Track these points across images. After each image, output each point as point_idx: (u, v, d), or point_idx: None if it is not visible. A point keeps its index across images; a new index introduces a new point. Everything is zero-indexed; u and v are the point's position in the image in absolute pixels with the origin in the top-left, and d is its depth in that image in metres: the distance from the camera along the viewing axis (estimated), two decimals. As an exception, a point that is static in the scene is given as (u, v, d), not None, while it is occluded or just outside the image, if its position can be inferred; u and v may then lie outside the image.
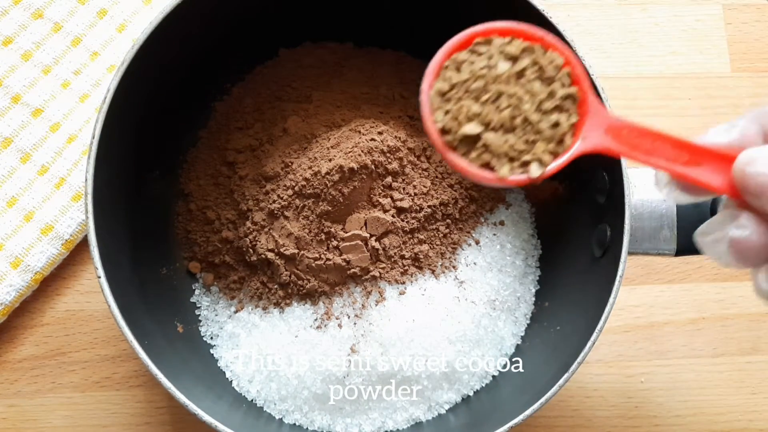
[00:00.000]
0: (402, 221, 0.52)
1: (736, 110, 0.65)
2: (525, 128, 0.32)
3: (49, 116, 0.58)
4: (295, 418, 0.51)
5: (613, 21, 0.67)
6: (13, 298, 0.55)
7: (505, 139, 0.32)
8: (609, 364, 0.59)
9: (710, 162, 0.32)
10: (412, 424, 0.52)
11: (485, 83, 0.32)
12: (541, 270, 0.56)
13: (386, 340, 0.50)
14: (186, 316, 0.55)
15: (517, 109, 0.32)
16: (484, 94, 0.32)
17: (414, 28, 0.57)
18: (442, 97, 0.33)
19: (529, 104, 0.32)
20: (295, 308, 0.52)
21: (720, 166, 0.31)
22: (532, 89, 0.32)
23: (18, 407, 0.56)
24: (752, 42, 0.67)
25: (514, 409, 0.45)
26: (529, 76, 0.32)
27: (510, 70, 0.32)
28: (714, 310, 0.61)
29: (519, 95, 0.32)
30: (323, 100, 0.56)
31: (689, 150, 0.32)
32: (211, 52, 0.55)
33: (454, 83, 0.33)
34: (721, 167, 0.31)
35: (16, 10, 0.59)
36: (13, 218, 0.56)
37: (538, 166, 0.32)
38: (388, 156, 0.51)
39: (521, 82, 0.32)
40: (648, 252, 0.48)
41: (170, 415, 0.56)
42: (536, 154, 0.32)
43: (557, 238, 0.56)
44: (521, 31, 0.33)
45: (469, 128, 0.32)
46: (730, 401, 0.59)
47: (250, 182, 0.54)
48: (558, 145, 0.32)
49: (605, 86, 0.47)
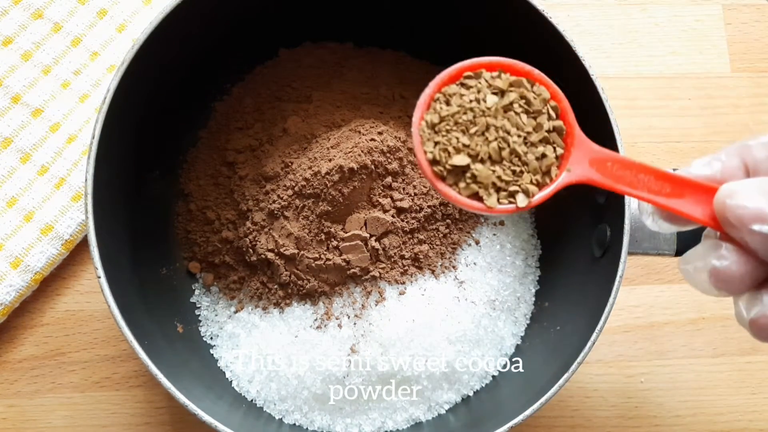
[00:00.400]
0: (402, 221, 0.52)
1: (735, 110, 0.65)
2: (512, 160, 0.33)
3: (49, 116, 0.58)
4: (295, 418, 0.51)
5: (613, 21, 0.67)
6: (13, 298, 0.55)
7: (492, 170, 0.33)
8: (609, 364, 0.59)
9: (692, 194, 0.32)
10: (412, 424, 0.52)
11: (474, 116, 0.33)
12: (541, 270, 0.56)
13: (386, 340, 0.50)
14: (186, 316, 0.55)
15: (504, 141, 0.33)
16: (473, 126, 0.33)
17: (414, 28, 0.57)
18: (432, 129, 0.34)
19: (516, 137, 0.33)
20: (295, 308, 0.52)
21: (702, 198, 0.32)
22: (519, 122, 0.33)
23: (18, 407, 0.56)
24: (752, 42, 0.67)
25: (514, 409, 0.45)
26: (517, 109, 0.33)
27: (498, 103, 0.33)
28: (714, 310, 0.61)
29: (506, 128, 0.33)
30: (323, 100, 0.56)
31: (672, 182, 0.33)
32: (211, 52, 0.55)
33: (444, 116, 0.34)
34: (703, 199, 0.32)
35: (16, 10, 0.59)
36: (13, 218, 0.56)
37: (524, 197, 0.33)
38: (388, 156, 0.51)
39: (509, 115, 0.33)
40: (648, 252, 0.48)
41: (170, 415, 0.56)
42: (523, 185, 0.33)
43: (557, 238, 0.56)
44: (509, 65, 0.35)
45: (457, 160, 0.33)
46: (730, 401, 0.59)
47: (250, 182, 0.54)
48: (544, 176, 0.34)
49: (605, 86, 0.47)
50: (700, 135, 0.65)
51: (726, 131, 0.65)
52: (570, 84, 0.49)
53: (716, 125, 0.65)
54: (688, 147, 0.64)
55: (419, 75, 0.58)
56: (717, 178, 0.32)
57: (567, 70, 0.48)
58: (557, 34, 0.47)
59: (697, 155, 0.64)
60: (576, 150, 0.34)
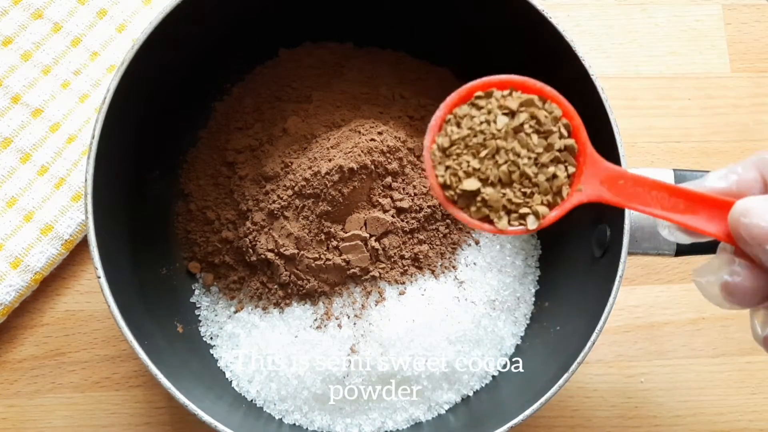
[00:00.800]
0: (402, 221, 0.52)
1: (735, 110, 0.65)
2: (522, 182, 0.33)
3: (49, 116, 0.58)
4: (295, 418, 0.51)
5: (613, 21, 0.67)
6: (13, 298, 0.55)
7: (502, 194, 0.33)
8: (609, 364, 0.59)
9: (707, 209, 0.32)
10: (412, 424, 0.52)
11: (484, 138, 0.33)
12: (541, 270, 0.56)
13: (386, 340, 0.50)
14: (186, 316, 0.55)
15: (514, 164, 0.33)
16: (483, 149, 0.33)
17: (414, 28, 0.57)
18: (443, 153, 0.34)
19: (526, 159, 0.33)
20: (294, 308, 0.52)
21: (717, 213, 0.32)
22: (529, 144, 0.33)
23: (18, 407, 0.56)
24: (752, 42, 0.67)
25: (514, 409, 0.45)
26: (527, 129, 0.33)
27: (508, 125, 0.33)
28: (714, 310, 0.61)
29: (517, 150, 0.33)
30: (323, 100, 0.56)
31: (686, 198, 0.33)
32: (211, 52, 0.54)
33: (454, 139, 0.34)
34: (718, 214, 0.32)
35: (16, 10, 0.59)
36: (12, 218, 0.56)
37: (534, 219, 0.33)
38: (388, 156, 0.51)
39: (519, 136, 0.33)
40: (648, 252, 0.48)
41: (170, 415, 0.56)
42: (533, 206, 0.33)
43: (557, 238, 0.56)
44: (520, 83, 0.34)
45: (468, 184, 0.33)
46: (730, 401, 0.59)
47: (250, 182, 0.54)
48: (556, 195, 0.34)
49: (605, 86, 0.47)
50: (699, 135, 0.65)
51: (726, 131, 0.65)
52: (570, 84, 0.49)
53: (716, 125, 0.65)
54: (688, 147, 0.64)
55: (419, 75, 0.58)
56: (733, 191, 0.32)
57: (567, 70, 0.48)
58: (557, 34, 0.47)
59: (697, 155, 0.64)
60: (588, 169, 0.34)
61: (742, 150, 0.64)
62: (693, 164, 0.64)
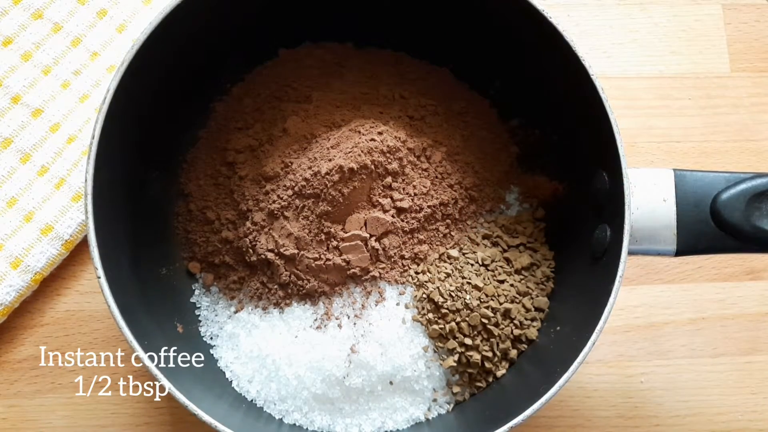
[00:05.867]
0: (402, 221, 0.52)
1: (735, 110, 0.65)
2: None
3: (49, 116, 0.58)
4: (295, 418, 0.51)
5: (613, 21, 0.67)
6: (13, 298, 0.55)
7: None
8: (609, 364, 0.59)
9: None
10: (412, 424, 0.52)
11: None
12: (541, 270, 0.56)
13: (386, 340, 0.50)
14: (186, 316, 0.55)
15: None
16: None
17: (414, 28, 0.57)
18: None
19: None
20: (294, 308, 0.52)
21: None
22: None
23: (18, 407, 0.55)
24: (752, 42, 0.67)
25: (514, 409, 0.45)
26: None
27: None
28: (714, 310, 0.61)
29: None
30: (323, 100, 0.56)
31: None
32: (211, 52, 0.55)
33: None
34: None
35: (16, 10, 0.59)
36: (13, 218, 0.56)
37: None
38: (388, 156, 0.51)
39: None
40: (648, 252, 0.48)
41: (170, 415, 0.56)
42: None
43: (557, 238, 0.56)
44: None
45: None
46: (730, 401, 0.59)
47: (250, 182, 0.54)
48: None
49: (605, 86, 0.47)
50: (699, 135, 0.65)
51: (726, 131, 0.65)
52: (570, 84, 0.49)
53: (716, 125, 0.65)
54: (688, 147, 0.64)
55: (419, 75, 0.58)
56: None
57: (567, 70, 0.48)
58: (557, 34, 0.47)
59: (697, 155, 0.64)
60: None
61: (742, 150, 0.64)
62: (693, 164, 0.64)
